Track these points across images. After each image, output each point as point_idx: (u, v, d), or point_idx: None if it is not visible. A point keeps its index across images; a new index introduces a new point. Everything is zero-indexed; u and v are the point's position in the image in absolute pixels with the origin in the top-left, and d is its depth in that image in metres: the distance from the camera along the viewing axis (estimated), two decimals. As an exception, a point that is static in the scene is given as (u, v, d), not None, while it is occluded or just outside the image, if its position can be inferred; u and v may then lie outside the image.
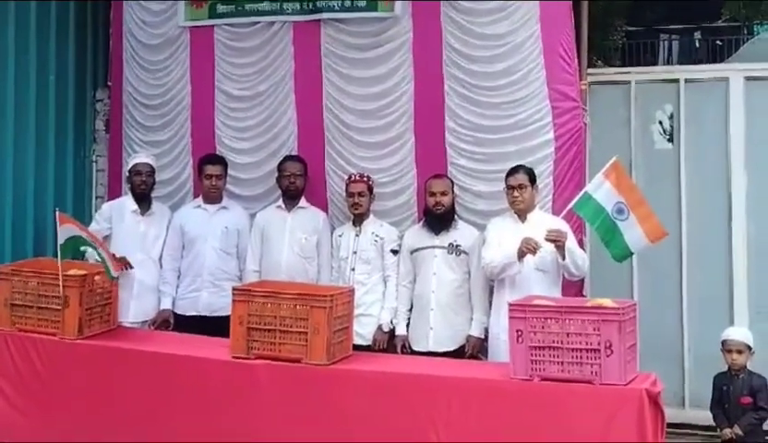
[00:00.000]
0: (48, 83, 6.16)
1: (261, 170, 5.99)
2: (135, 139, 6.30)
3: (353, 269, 5.41)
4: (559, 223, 4.94)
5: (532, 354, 4.13)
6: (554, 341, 4.10)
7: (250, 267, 5.60)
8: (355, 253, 5.44)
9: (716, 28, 14.75)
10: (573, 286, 5.24)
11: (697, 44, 14.99)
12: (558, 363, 4.10)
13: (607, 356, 4.03)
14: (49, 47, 6.17)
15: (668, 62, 13.67)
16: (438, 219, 5.29)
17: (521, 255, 4.83)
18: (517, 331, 4.17)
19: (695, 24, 14.91)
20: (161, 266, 5.69)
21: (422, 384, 4.33)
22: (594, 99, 5.78)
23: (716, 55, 13.67)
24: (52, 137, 6.20)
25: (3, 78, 5.75)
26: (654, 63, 12.88)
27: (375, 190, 5.57)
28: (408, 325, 5.35)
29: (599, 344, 4.04)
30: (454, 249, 5.26)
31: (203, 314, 5.56)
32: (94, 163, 6.61)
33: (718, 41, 14.35)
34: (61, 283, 4.90)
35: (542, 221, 5.02)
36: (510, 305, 4.28)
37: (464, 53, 5.59)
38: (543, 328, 4.13)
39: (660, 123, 6.14)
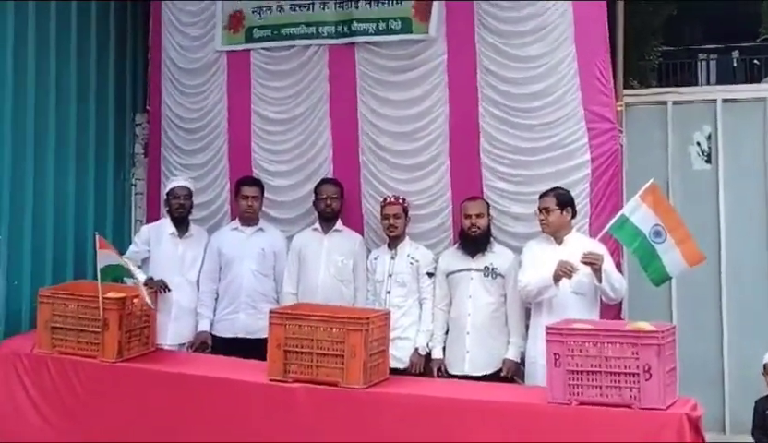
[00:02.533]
0: (89, 108, 6.23)
1: (297, 193, 6.01)
2: (173, 163, 6.35)
3: (388, 292, 5.40)
4: (596, 246, 4.90)
5: (570, 378, 4.10)
6: (592, 365, 4.07)
7: (287, 289, 5.61)
8: (391, 276, 5.42)
9: (754, 47, 14.61)
10: (611, 309, 5.18)
11: (734, 64, 14.85)
12: (596, 387, 4.07)
13: (646, 380, 3.99)
14: (89, 73, 6.25)
15: (707, 82, 13.52)
16: (473, 241, 5.27)
17: (557, 278, 4.80)
18: (555, 355, 4.14)
19: (733, 43, 14.78)
20: (198, 288, 5.71)
21: (459, 408, 4.31)
22: (630, 120, 5.73)
23: (754, 74, 13.54)
24: (92, 160, 6.26)
25: (44, 103, 5.83)
26: (692, 82, 12.75)
27: (410, 212, 5.56)
28: (444, 348, 5.32)
29: (638, 368, 4.00)
30: (490, 272, 5.23)
31: (240, 336, 5.56)
32: (133, 187, 6.67)
33: (756, 61, 14.21)
34: (101, 306, 4.95)
35: (579, 244, 4.97)
36: (548, 328, 4.26)
37: (499, 75, 5.59)
38: (581, 351, 4.10)
39: (698, 144, 6.06)
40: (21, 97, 5.65)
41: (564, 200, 5.07)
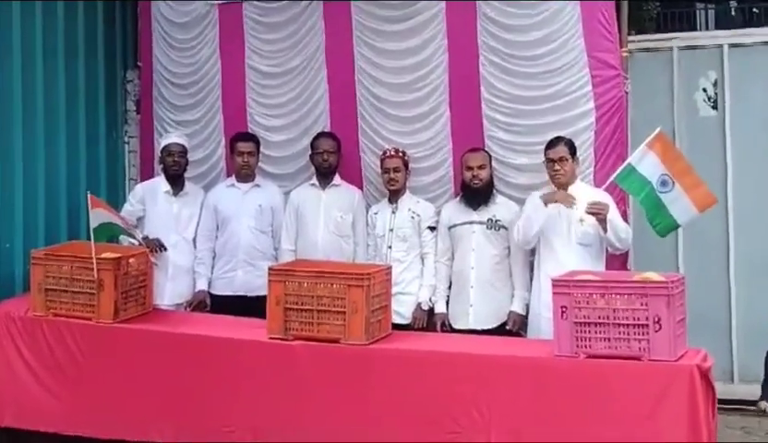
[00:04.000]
0: (77, 65, 6.08)
1: (294, 147, 5.90)
2: (166, 119, 6.25)
3: (389, 247, 5.33)
4: (601, 195, 4.83)
5: (577, 331, 4.04)
6: (600, 317, 4.01)
7: (285, 246, 5.54)
8: (392, 230, 5.34)
9: None
10: (617, 260, 5.11)
11: (733, 12, 14.65)
12: (604, 339, 4.01)
13: (656, 332, 3.93)
14: (77, 29, 6.08)
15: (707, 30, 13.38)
16: (475, 193, 5.19)
17: (548, 201, 4.75)
18: (561, 307, 4.08)
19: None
20: (195, 247, 5.64)
21: (464, 362, 4.25)
22: (634, 67, 5.61)
23: (754, 23, 13.30)
24: (83, 119, 6.13)
25: (32, 62, 5.68)
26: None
27: (410, 165, 5.47)
28: (447, 302, 5.27)
29: (647, 319, 3.94)
30: (493, 224, 5.16)
31: (239, 294, 5.50)
32: (126, 145, 6.55)
33: (755, 9, 14.00)
34: (95, 267, 4.87)
35: (583, 194, 4.89)
36: (554, 280, 4.19)
37: (500, 22, 5.43)
38: (588, 303, 4.04)
39: (704, 90, 5.97)
40: (6, 56, 5.51)
41: (574, 149, 4.98)
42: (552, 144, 4.97)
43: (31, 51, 5.69)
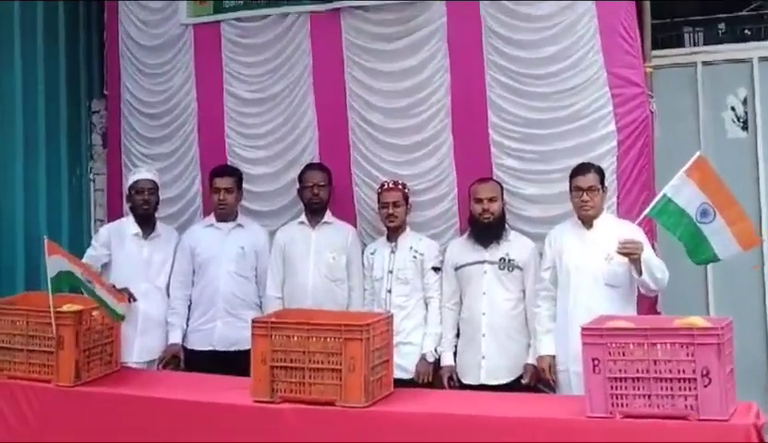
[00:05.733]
0: (37, 94, 5.74)
1: (279, 181, 5.56)
2: (136, 153, 5.91)
3: (389, 291, 4.93)
4: (631, 229, 4.43)
5: (612, 387, 3.59)
6: (638, 371, 3.56)
7: (271, 293, 5.13)
8: (391, 272, 4.94)
9: (740, 17, 14.51)
10: (645, 302, 4.68)
11: (720, 35, 14.74)
12: (643, 396, 3.57)
13: (705, 386, 3.48)
14: (36, 54, 5.76)
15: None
16: (486, 229, 4.77)
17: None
18: (593, 360, 3.62)
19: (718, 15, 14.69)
20: (168, 296, 5.22)
21: (478, 426, 3.78)
22: (656, 84, 5.20)
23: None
24: (42, 154, 5.78)
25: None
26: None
27: (410, 199, 5.08)
28: (455, 354, 4.85)
29: (694, 372, 3.49)
30: (507, 264, 4.74)
31: (218, 349, 5.10)
32: (92, 182, 6.22)
33: (747, 31, 14.02)
34: (53, 322, 4.41)
35: (610, 227, 4.49)
36: (584, 329, 3.71)
37: (508, 38, 5.08)
38: (624, 354, 3.59)
39: (732, 109, 5.60)
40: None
41: (603, 177, 4.60)
42: (581, 171, 4.57)
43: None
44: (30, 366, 4.49)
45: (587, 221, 4.54)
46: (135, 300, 4.94)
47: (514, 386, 4.64)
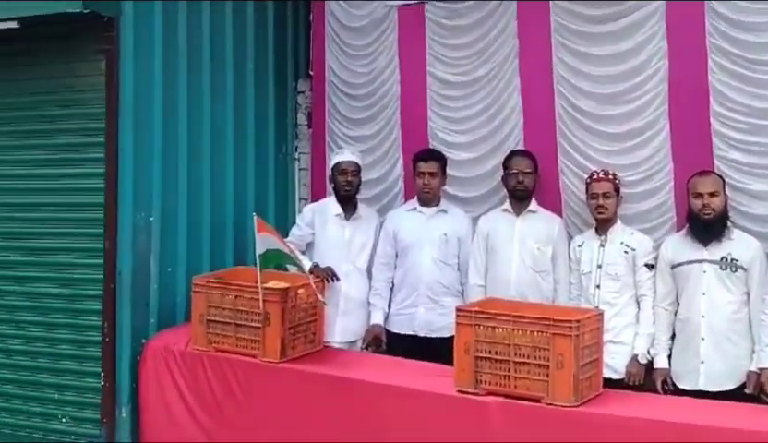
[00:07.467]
0: (246, 74, 5.71)
1: (482, 167, 5.33)
2: (339, 134, 5.85)
3: (597, 287, 4.62)
4: None
5: None
6: None
7: (474, 281, 4.93)
8: (600, 267, 4.63)
9: None
10: None
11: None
12: None
13: None
14: (246, 36, 5.73)
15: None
16: (706, 226, 4.39)
17: None
18: None
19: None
20: (368, 277, 5.15)
21: (698, 436, 3.51)
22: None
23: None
24: (251, 133, 5.75)
25: (198, 69, 5.34)
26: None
27: (622, 190, 4.75)
28: (669, 356, 4.49)
29: None
30: (729, 264, 4.34)
31: (419, 334, 4.98)
32: (296, 161, 6.15)
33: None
34: (261, 298, 4.47)
35: None
36: None
37: (733, 20, 4.61)
38: None
39: None
40: (172, 68, 5.16)
41: None
42: None
43: (197, 60, 5.35)
44: (238, 341, 4.58)
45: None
46: (338, 279, 4.91)
47: (736, 394, 4.25)
